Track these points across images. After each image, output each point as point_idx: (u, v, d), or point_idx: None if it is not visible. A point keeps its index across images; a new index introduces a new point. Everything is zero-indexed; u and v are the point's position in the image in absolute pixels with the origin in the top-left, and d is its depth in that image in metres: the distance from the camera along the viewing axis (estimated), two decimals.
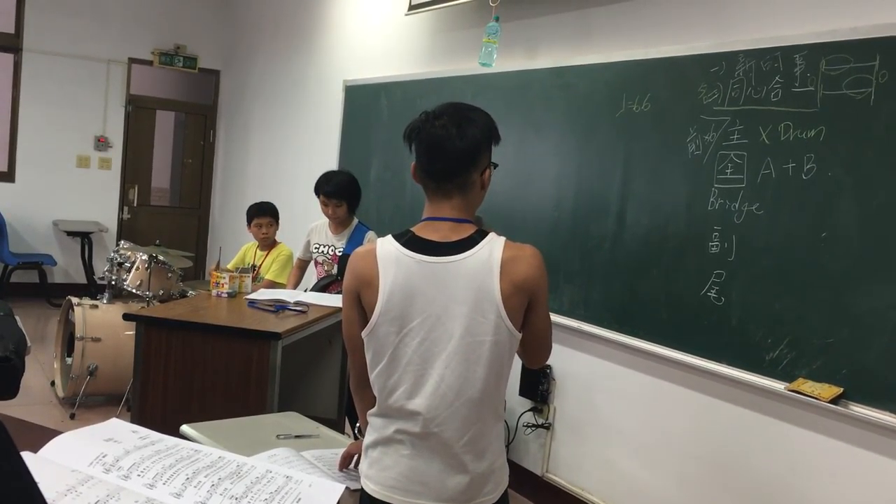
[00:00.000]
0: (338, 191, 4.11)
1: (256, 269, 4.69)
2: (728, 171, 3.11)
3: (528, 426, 4.11)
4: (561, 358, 3.93)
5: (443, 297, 1.74)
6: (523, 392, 4.09)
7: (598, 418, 3.79)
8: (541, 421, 4.07)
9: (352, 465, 2.02)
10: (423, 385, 1.76)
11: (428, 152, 1.82)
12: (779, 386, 2.88)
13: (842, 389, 2.70)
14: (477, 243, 1.77)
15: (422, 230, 1.82)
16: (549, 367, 4.00)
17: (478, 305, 1.73)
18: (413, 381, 1.77)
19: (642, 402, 3.56)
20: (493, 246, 1.77)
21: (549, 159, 4.01)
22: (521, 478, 4.08)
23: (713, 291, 3.15)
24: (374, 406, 1.86)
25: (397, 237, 1.81)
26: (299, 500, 1.02)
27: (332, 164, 5.74)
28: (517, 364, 1.99)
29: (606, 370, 3.74)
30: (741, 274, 3.05)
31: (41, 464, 0.96)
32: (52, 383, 5.16)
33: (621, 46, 3.73)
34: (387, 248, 1.80)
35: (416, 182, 1.88)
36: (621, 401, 3.66)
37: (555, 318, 3.77)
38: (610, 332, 3.64)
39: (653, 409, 3.51)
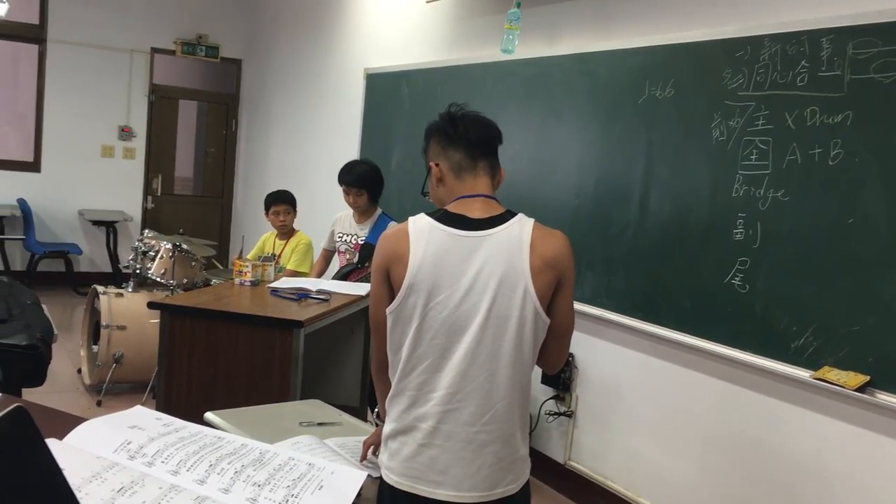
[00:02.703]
0: (358, 180, 4.14)
1: (276, 258, 4.70)
2: (753, 157, 3.07)
3: (550, 414, 4.11)
4: (583, 346, 3.92)
5: (472, 271, 1.76)
6: (545, 380, 4.08)
7: (620, 406, 3.78)
8: (563, 409, 4.06)
9: (370, 454, 2.03)
10: (448, 358, 1.77)
11: (474, 123, 1.91)
12: (804, 374, 2.85)
13: (868, 377, 2.67)
14: (507, 220, 1.82)
15: (455, 207, 1.87)
16: (571, 354, 3.99)
17: (506, 280, 1.75)
18: (439, 353, 1.77)
19: (665, 391, 3.54)
20: (524, 223, 1.82)
21: (571, 146, 3.99)
22: (544, 466, 4.08)
23: (737, 279, 3.12)
24: (392, 387, 1.86)
25: (430, 214, 1.86)
26: (321, 487, 1.03)
27: (353, 153, 5.74)
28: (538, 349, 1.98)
29: (629, 358, 3.72)
30: (766, 261, 3.02)
31: (67, 450, 0.97)
32: (79, 371, 5.23)
33: (644, 32, 3.69)
34: (419, 223, 1.84)
35: (438, 185, 1.94)
36: (644, 389, 3.65)
37: (577, 305, 3.75)
38: (632, 320, 3.62)
39: (676, 397, 3.49)
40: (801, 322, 2.89)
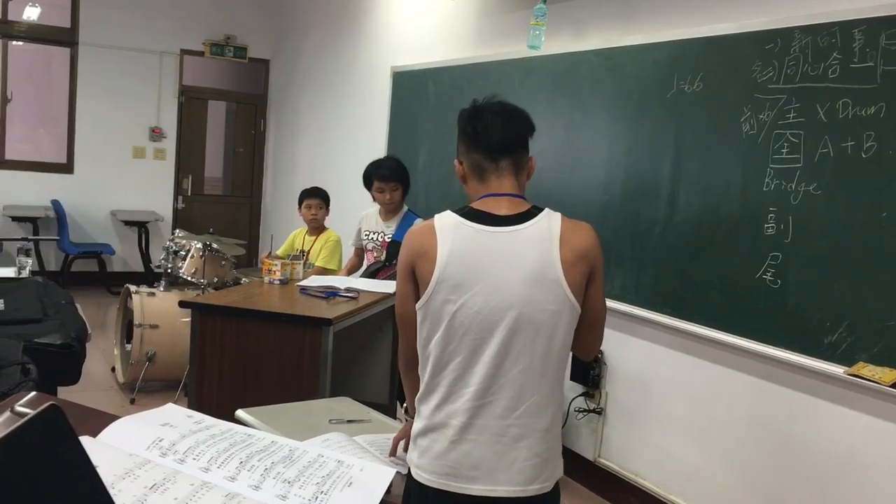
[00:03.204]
0: (392, 173, 4.16)
1: (305, 254, 4.73)
2: (784, 150, 3.04)
3: (579, 411, 4.09)
4: (612, 343, 3.89)
5: (502, 266, 1.75)
6: (575, 377, 4.06)
7: (650, 403, 3.75)
8: (592, 406, 4.04)
9: (400, 451, 2.02)
10: (480, 354, 1.76)
11: (494, 120, 1.86)
12: (837, 370, 2.81)
13: None
14: (534, 216, 1.81)
15: (481, 205, 1.85)
16: (600, 351, 3.97)
17: (537, 274, 1.74)
18: (470, 350, 1.76)
19: (696, 388, 3.51)
20: (552, 218, 1.81)
21: (598, 142, 3.96)
22: (573, 463, 4.06)
23: (769, 274, 3.09)
24: (422, 384, 1.85)
25: (456, 210, 1.85)
26: (350, 483, 1.03)
27: (380, 151, 5.76)
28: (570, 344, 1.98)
29: (659, 355, 3.70)
30: (798, 256, 2.98)
31: (100, 448, 0.99)
32: (113, 369, 5.30)
33: (671, 25, 3.66)
34: (445, 219, 1.83)
35: (462, 181, 1.93)
36: (674, 386, 3.62)
37: (606, 302, 3.73)
38: (662, 317, 3.59)
39: (707, 394, 3.46)
40: (834, 317, 2.85)
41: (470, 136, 1.88)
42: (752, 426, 3.25)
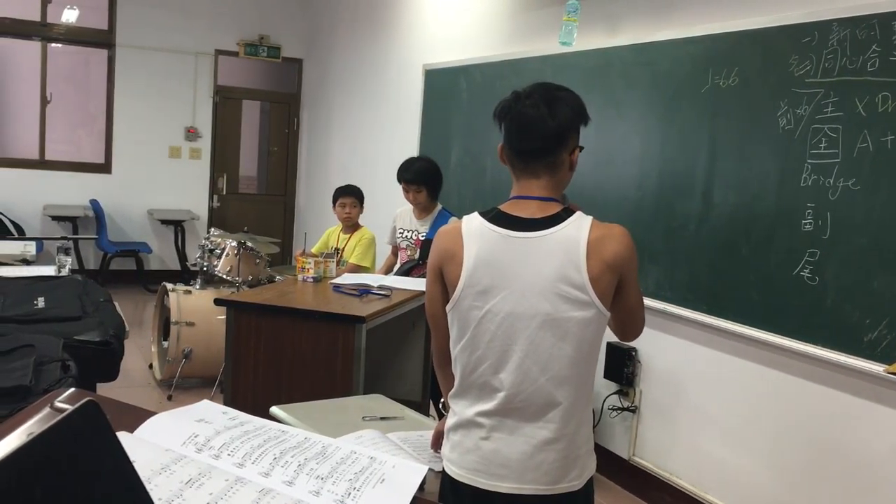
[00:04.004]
0: (416, 177, 4.16)
1: (339, 252, 4.76)
2: (822, 145, 2.99)
3: (613, 409, 4.07)
4: (646, 340, 3.86)
5: (527, 272, 1.73)
6: (608, 375, 4.04)
7: (686, 402, 3.72)
8: (626, 404, 4.02)
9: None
10: (507, 360, 1.75)
11: (519, 131, 1.81)
12: (877, 368, 2.76)
13: None
14: (563, 220, 1.76)
15: (509, 207, 1.82)
16: (634, 349, 3.94)
17: (563, 281, 1.71)
18: (497, 356, 1.76)
19: (732, 386, 3.47)
20: (581, 223, 1.76)
21: (631, 138, 3.93)
22: (607, 461, 4.04)
23: (807, 271, 3.04)
24: (454, 385, 1.86)
25: (483, 213, 1.82)
26: (383, 480, 1.04)
27: (412, 149, 5.77)
28: (601, 346, 1.97)
29: (694, 353, 3.66)
30: (837, 252, 2.94)
31: (136, 443, 1.00)
32: (150, 366, 5.37)
33: (706, 20, 3.62)
34: (472, 223, 1.81)
35: (503, 163, 1.88)
36: (710, 384, 3.58)
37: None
38: (697, 314, 3.55)
39: (743, 392, 3.42)
40: (874, 314, 2.80)
41: (503, 132, 1.85)
42: (790, 426, 3.21)
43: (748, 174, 3.31)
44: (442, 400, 2.07)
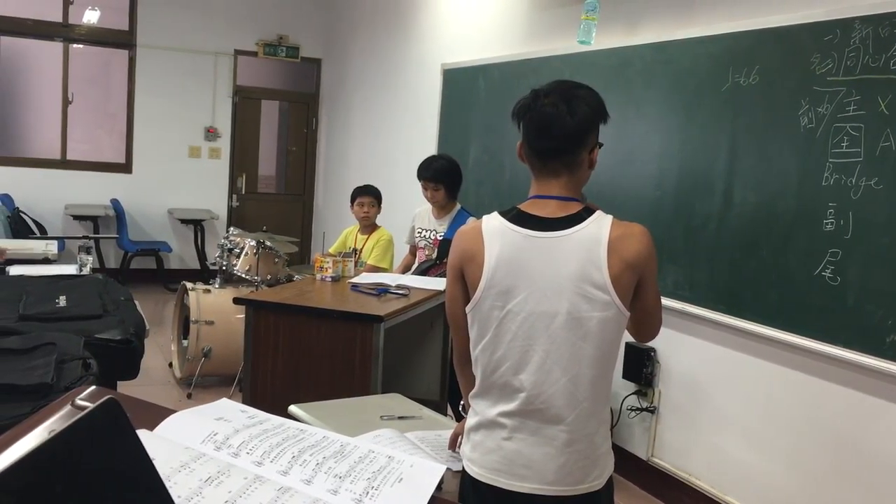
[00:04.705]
0: (435, 175, 4.17)
1: (357, 252, 4.77)
2: (844, 144, 2.96)
3: (632, 409, 4.05)
4: (665, 340, 3.84)
5: (548, 272, 1.72)
6: (627, 375, 4.02)
7: (705, 402, 3.69)
8: (645, 404, 4.00)
9: (458, 447, 2.03)
10: (528, 361, 1.74)
11: (538, 130, 1.80)
12: None
13: None
14: (584, 219, 1.75)
15: (528, 207, 1.81)
16: (653, 349, 3.92)
17: (584, 281, 1.71)
18: (518, 356, 1.75)
19: (752, 387, 3.44)
20: (601, 223, 1.75)
21: (651, 137, 3.91)
22: (626, 462, 4.02)
23: (828, 271, 3.01)
24: (475, 385, 1.85)
25: (503, 213, 1.81)
26: (401, 479, 1.04)
27: (431, 148, 5.77)
28: (620, 346, 1.95)
29: (713, 353, 3.64)
30: (859, 252, 2.91)
31: (156, 441, 1.01)
32: (170, 364, 5.41)
33: (726, 18, 3.59)
34: (492, 223, 1.80)
35: (521, 162, 1.87)
36: (729, 385, 3.56)
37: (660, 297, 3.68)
38: (716, 314, 3.53)
39: (763, 393, 3.39)
40: None
41: (522, 131, 1.84)
42: (810, 427, 3.18)
43: (769, 173, 3.28)
44: (461, 402, 2.06)
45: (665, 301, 3.69)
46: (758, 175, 3.34)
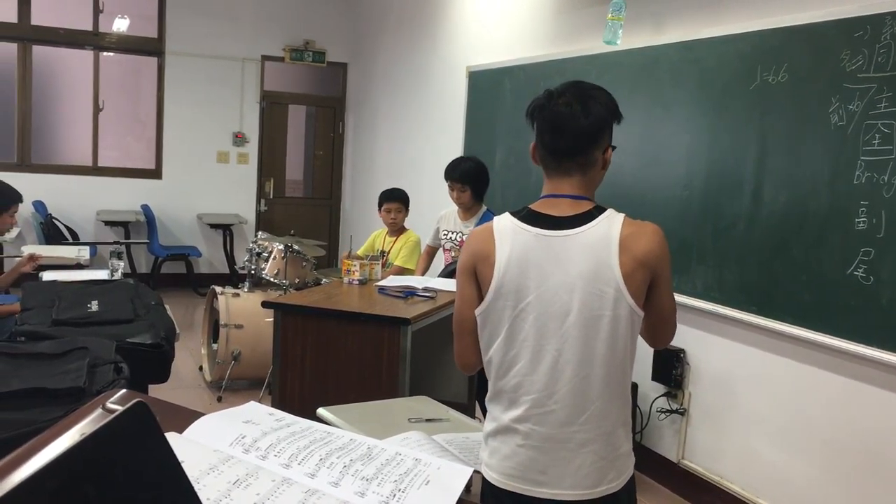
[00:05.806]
0: (462, 176, 4.18)
1: (385, 254, 4.78)
2: (875, 142, 2.91)
3: (661, 411, 4.02)
4: (694, 342, 3.81)
5: (559, 271, 1.72)
6: (656, 377, 3.99)
7: (736, 404, 3.65)
8: (675, 406, 3.96)
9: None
10: (540, 360, 1.74)
11: (552, 130, 1.80)
12: None
13: None
14: (595, 218, 1.75)
15: (540, 206, 1.81)
16: (682, 351, 3.88)
17: (596, 279, 1.70)
18: (531, 356, 1.74)
19: (784, 388, 3.40)
20: (612, 221, 1.75)
21: (678, 137, 3.88)
22: (656, 464, 3.99)
23: (861, 270, 2.97)
24: (488, 388, 1.85)
25: (514, 213, 1.82)
26: (428, 482, 1.04)
27: (457, 151, 5.77)
28: (649, 348, 1.94)
29: (744, 354, 3.59)
30: (892, 251, 2.86)
31: (185, 444, 1.02)
32: (200, 368, 5.46)
33: (754, 15, 3.55)
34: (503, 222, 1.81)
35: (534, 163, 1.87)
36: (761, 386, 3.52)
37: (687, 300, 3.65)
38: (746, 315, 3.49)
39: (796, 395, 3.35)
40: None
41: (535, 131, 1.84)
42: (844, 429, 3.13)
43: (799, 172, 3.24)
44: None
45: (694, 302, 3.67)
46: (788, 174, 3.30)
